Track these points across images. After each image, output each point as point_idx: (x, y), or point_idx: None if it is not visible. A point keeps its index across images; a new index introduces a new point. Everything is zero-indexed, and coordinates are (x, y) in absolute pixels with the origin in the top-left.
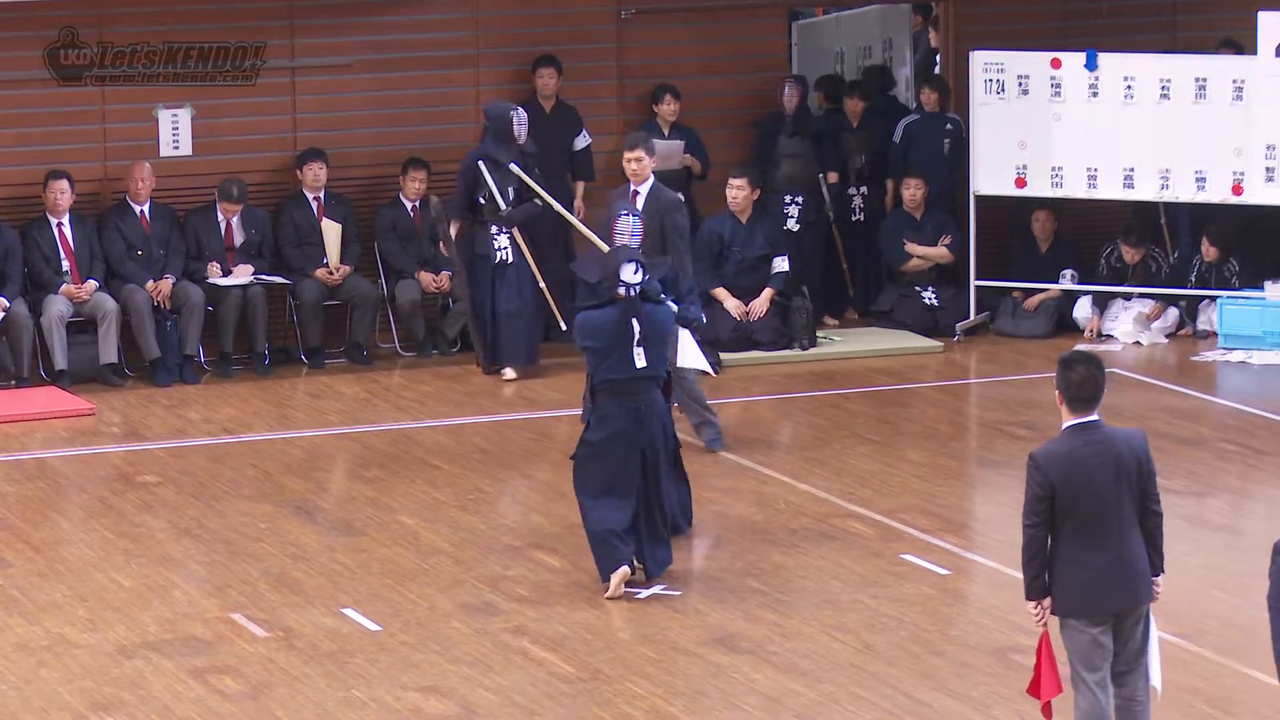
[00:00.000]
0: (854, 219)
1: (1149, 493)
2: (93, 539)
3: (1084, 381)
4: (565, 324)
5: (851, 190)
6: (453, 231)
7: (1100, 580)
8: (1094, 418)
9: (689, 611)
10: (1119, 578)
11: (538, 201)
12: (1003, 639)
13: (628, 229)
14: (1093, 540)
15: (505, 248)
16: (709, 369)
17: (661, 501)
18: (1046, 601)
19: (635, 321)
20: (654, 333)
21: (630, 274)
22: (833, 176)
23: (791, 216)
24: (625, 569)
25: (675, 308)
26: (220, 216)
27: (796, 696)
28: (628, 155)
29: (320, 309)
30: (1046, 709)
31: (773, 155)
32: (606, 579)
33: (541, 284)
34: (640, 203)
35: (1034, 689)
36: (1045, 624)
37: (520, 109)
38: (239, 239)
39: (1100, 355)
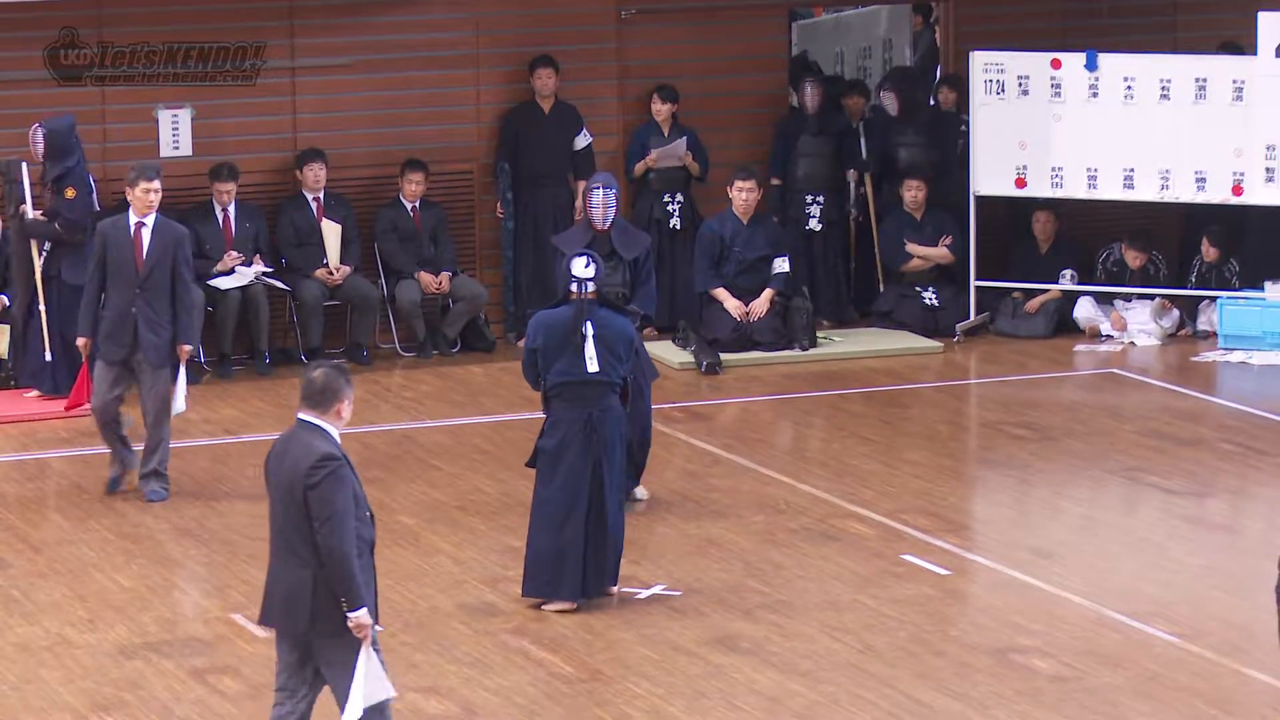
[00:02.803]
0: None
1: None
2: (93, 539)
3: None
4: (51, 354)
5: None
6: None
7: None
8: None
9: (689, 611)
10: None
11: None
12: (1003, 639)
13: (601, 200)
14: None
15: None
16: (182, 407)
17: (608, 514)
18: None
19: (589, 323)
20: (608, 336)
21: (581, 268)
22: (852, 175)
23: (813, 216)
24: (570, 604)
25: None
26: (217, 207)
27: (796, 696)
28: (145, 186)
29: (320, 309)
30: None
31: (791, 155)
32: (538, 597)
33: (41, 306)
34: (147, 234)
35: None
36: None
37: (39, 125)
38: (235, 230)
39: (1102, 355)
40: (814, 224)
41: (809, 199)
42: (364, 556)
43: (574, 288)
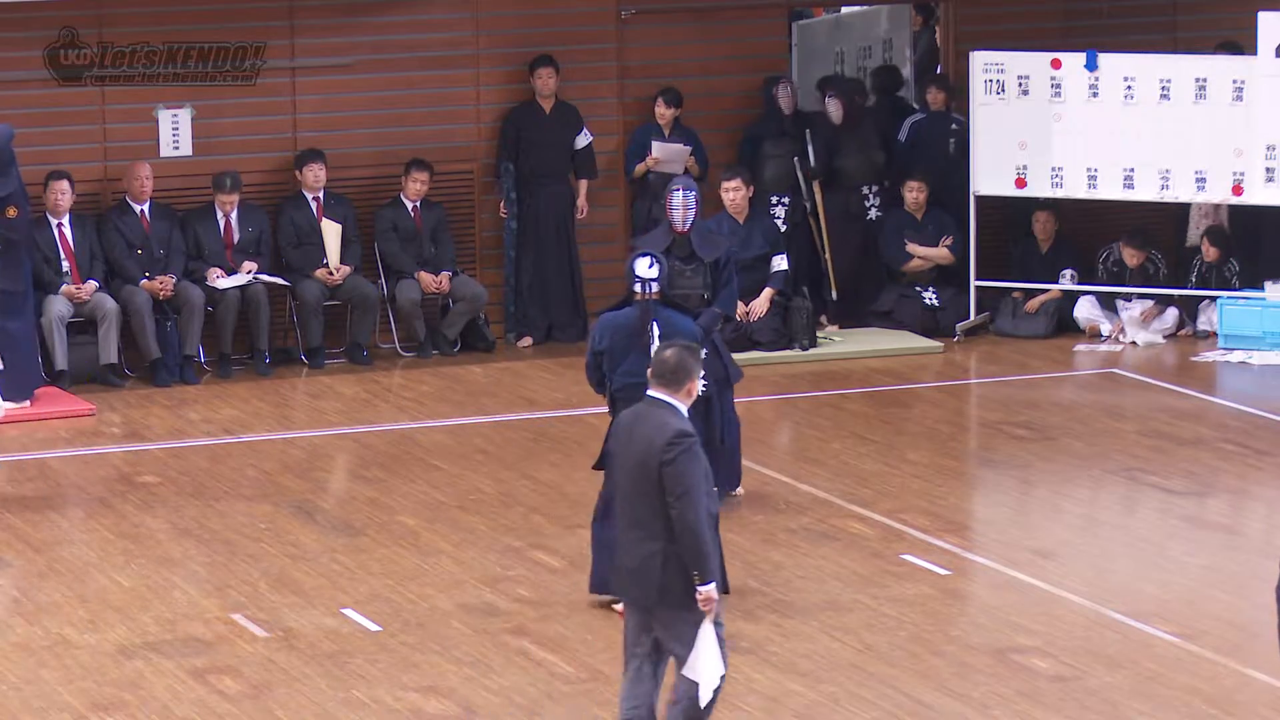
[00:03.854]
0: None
1: None
2: (93, 539)
3: None
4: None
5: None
6: None
7: None
8: None
9: None
10: None
11: None
12: (1003, 639)
13: (681, 203)
14: None
15: None
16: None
17: None
18: None
19: (654, 324)
20: (674, 337)
21: (644, 268)
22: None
23: (778, 217)
24: None
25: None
26: (219, 213)
27: (796, 696)
28: None
29: (320, 309)
30: None
31: (759, 157)
32: (598, 594)
33: None
34: None
35: None
36: None
37: None
38: (238, 236)
39: (1102, 355)
40: (778, 224)
41: (773, 200)
42: (711, 531)
43: (637, 288)
